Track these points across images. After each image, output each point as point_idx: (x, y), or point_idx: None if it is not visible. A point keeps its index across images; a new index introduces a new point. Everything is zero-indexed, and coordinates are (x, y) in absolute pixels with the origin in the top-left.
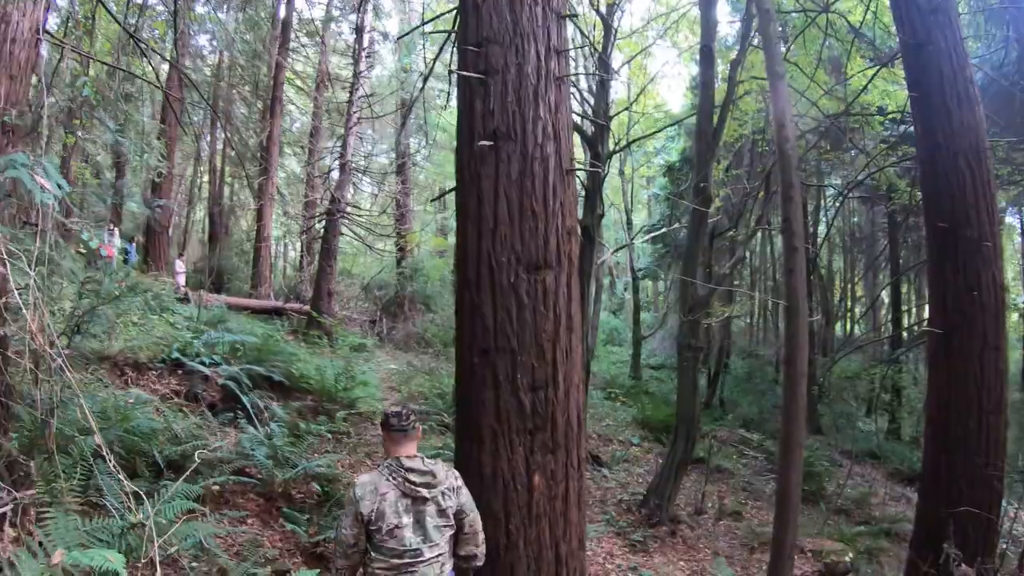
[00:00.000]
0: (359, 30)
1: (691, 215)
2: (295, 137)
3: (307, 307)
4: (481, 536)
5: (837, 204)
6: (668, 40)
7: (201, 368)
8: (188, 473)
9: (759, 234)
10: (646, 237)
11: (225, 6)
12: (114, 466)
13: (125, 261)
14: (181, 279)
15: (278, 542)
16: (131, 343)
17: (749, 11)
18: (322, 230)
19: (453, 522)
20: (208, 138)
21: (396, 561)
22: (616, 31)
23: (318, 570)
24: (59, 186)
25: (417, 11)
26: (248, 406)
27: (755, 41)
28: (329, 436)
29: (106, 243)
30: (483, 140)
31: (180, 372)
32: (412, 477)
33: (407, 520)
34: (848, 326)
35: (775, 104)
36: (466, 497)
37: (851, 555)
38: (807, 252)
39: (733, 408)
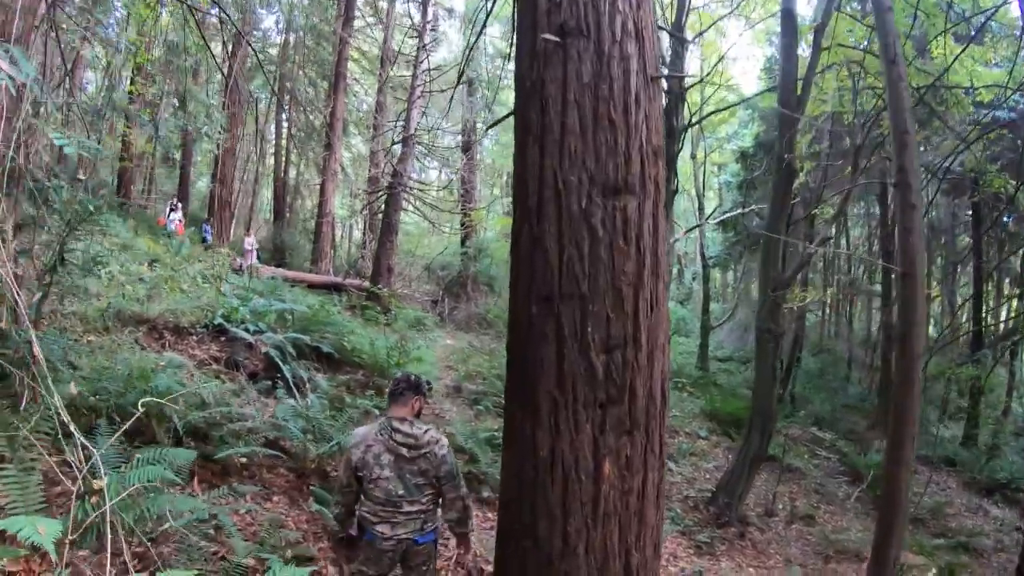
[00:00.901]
0: (424, 3)
1: (773, 188)
2: (360, 117)
3: (366, 283)
4: (460, 504)
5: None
6: (741, 15)
7: (244, 335)
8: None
9: (834, 225)
10: (717, 219)
11: None
12: (67, 420)
13: (203, 240)
14: (252, 257)
15: (304, 523)
16: (173, 307)
17: None
18: (383, 205)
19: (434, 485)
20: (273, 117)
21: (379, 508)
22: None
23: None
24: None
25: None
26: (288, 376)
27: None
28: (376, 412)
29: (167, 217)
30: (548, 35)
31: (223, 339)
32: (396, 437)
33: (389, 473)
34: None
35: (883, 38)
36: (447, 468)
37: (934, 571)
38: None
39: (804, 405)
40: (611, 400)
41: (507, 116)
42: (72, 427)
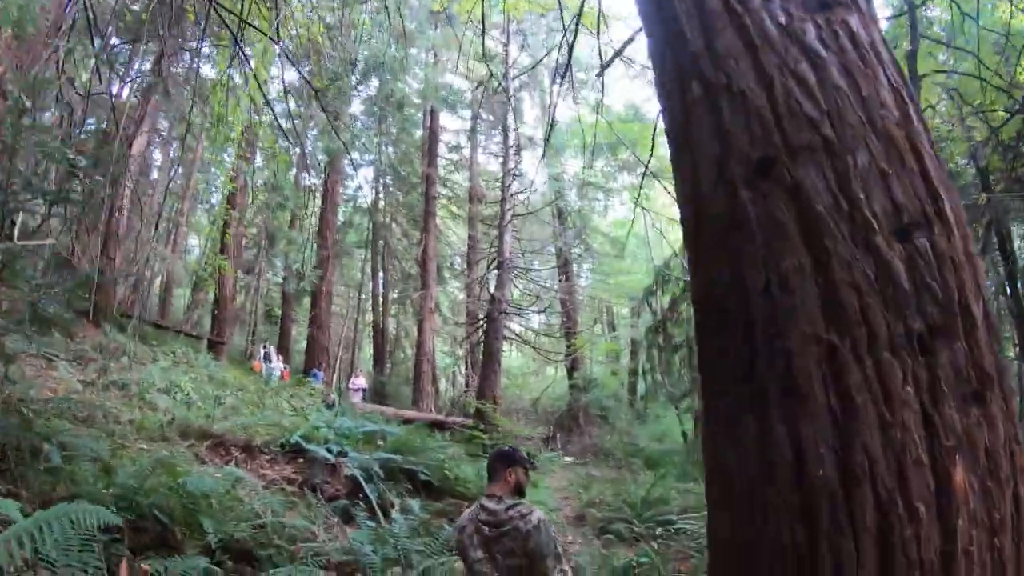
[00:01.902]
0: (505, 130)
1: None
2: (451, 257)
3: (470, 421)
4: None
5: None
6: None
7: (324, 454)
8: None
9: None
10: None
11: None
12: None
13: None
14: (358, 397)
15: None
16: (246, 424)
17: None
18: (483, 334)
19: (524, 560)
20: (369, 266)
21: None
22: None
23: None
24: None
25: (560, 119)
26: (372, 497)
27: None
28: None
29: (262, 360)
30: None
31: (300, 460)
32: (482, 515)
33: (480, 554)
34: None
35: None
36: (534, 544)
37: None
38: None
39: None
40: (936, 330)
41: None
42: None
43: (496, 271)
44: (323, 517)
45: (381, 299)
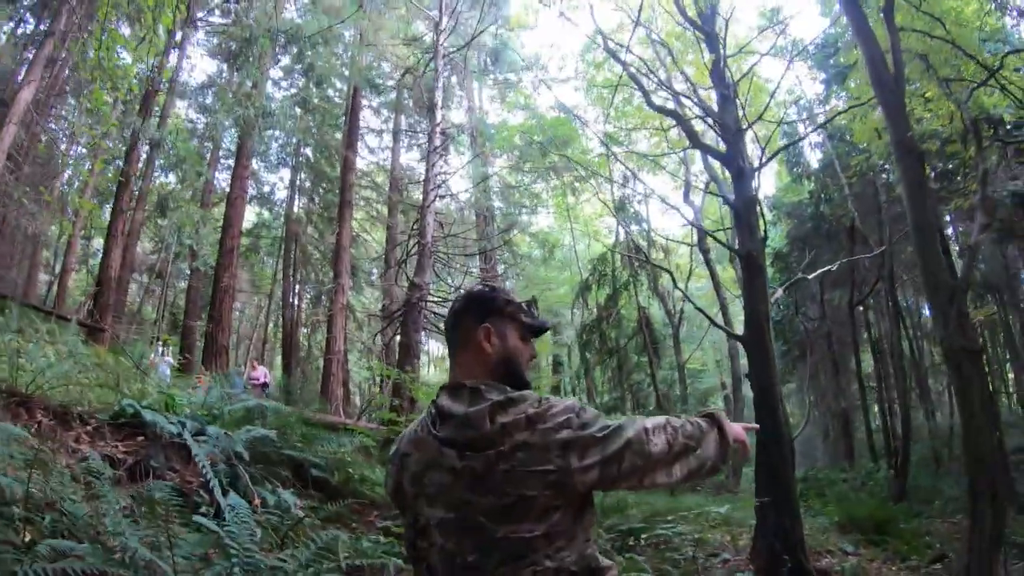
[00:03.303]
0: (432, 107)
1: (905, 179)
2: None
3: (384, 427)
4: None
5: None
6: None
7: (169, 429)
8: None
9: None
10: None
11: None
12: None
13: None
14: (260, 393)
15: None
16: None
17: None
18: (399, 327)
19: (538, 527)
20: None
21: None
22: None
23: None
24: None
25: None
26: (217, 487)
27: None
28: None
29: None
30: None
31: (141, 438)
32: (440, 431)
33: (442, 514)
34: None
35: None
36: (568, 435)
37: None
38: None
39: None
40: None
41: None
42: None
43: (416, 256)
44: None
45: (293, 300)
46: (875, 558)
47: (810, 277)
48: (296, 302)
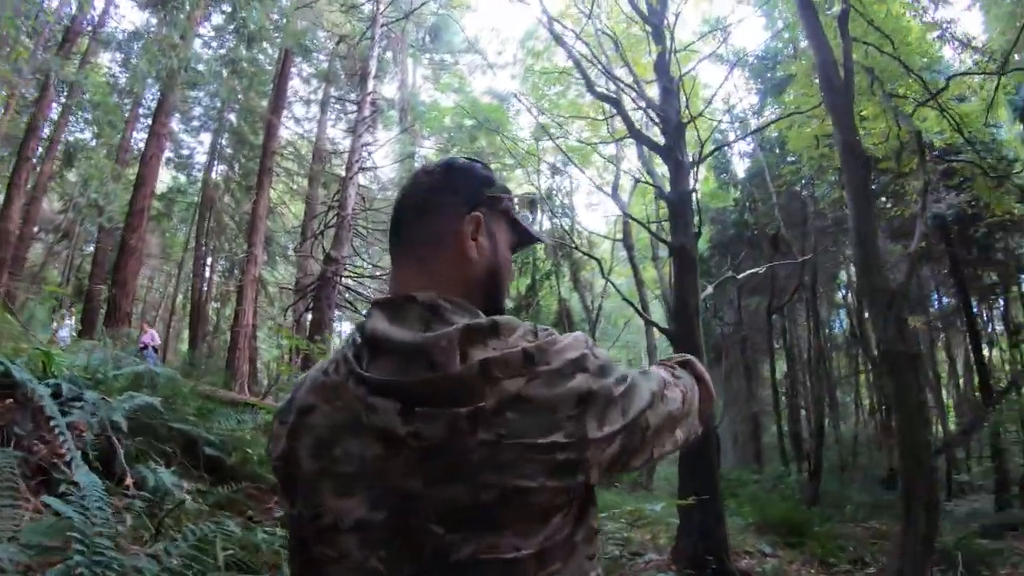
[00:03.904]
0: (363, 76)
1: (850, 182)
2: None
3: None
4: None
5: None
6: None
7: (39, 391)
8: None
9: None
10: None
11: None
12: None
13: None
14: (151, 360)
15: None
16: None
17: None
18: (311, 302)
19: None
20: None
21: None
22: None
23: None
24: None
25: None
26: (76, 458)
27: None
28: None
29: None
30: None
31: (11, 401)
32: (370, 369)
33: (360, 512)
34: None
35: None
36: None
37: None
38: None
39: None
40: None
41: None
42: None
43: (335, 228)
44: None
45: (205, 270)
46: (794, 560)
47: (739, 277)
48: (208, 273)
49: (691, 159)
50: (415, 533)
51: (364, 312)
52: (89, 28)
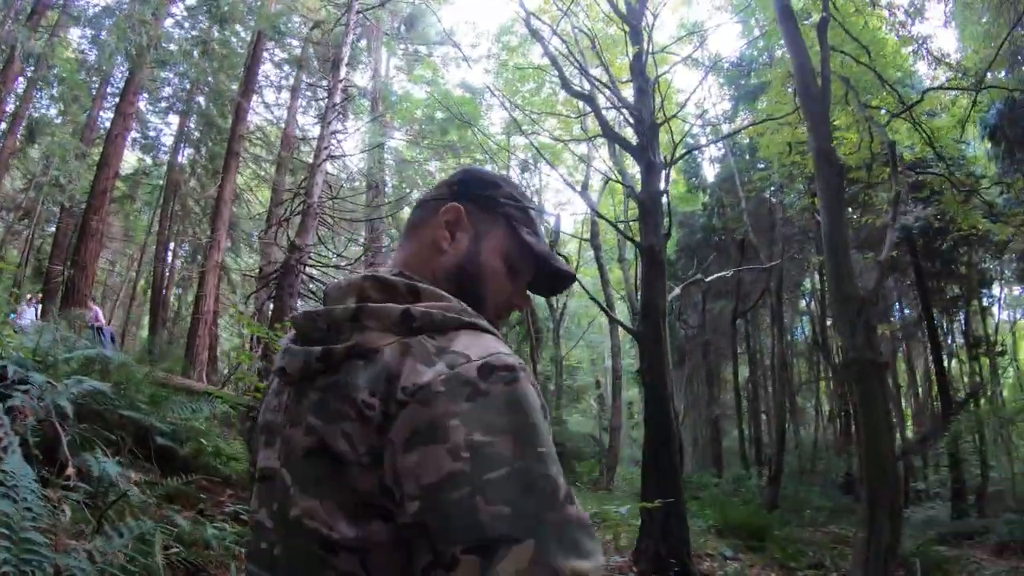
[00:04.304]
0: (336, 62)
1: (823, 189)
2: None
3: (249, 395)
4: None
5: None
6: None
7: None
8: None
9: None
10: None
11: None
12: None
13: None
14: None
15: None
16: None
17: None
18: (274, 290)
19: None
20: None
21: None
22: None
23: None
24: None
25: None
26: (8, 443)
27: None
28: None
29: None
30: None
31: None
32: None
33: (270, 460)
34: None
35: None
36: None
37: None
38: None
39: None
40: None
41: None
42: None
43: (300, 215)
44: None
45: (167, 256)
46: (755, 563)
47: (707, 280)
48: (171, 258)
49: (663, 160)
50: (278, 481)
51: None
52: (60, 1)
